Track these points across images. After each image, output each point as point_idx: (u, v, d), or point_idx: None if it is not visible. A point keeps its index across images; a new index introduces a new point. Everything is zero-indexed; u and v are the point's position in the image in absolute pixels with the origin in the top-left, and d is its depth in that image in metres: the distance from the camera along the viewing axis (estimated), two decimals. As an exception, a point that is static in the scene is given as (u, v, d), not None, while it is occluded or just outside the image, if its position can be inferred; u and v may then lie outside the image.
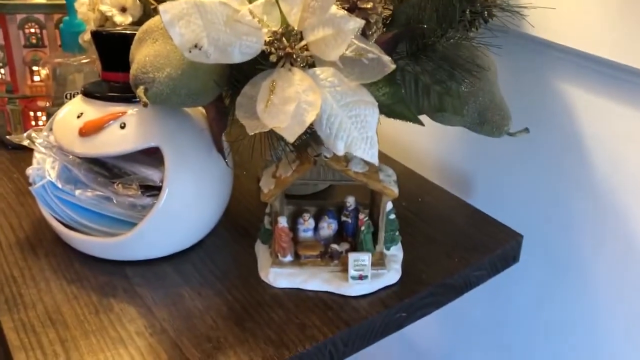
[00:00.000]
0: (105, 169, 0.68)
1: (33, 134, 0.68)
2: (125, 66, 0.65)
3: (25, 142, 0.67)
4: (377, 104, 0.58)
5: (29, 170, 0.69)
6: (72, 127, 0.65)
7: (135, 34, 0.64)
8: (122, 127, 0.64)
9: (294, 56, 0.56)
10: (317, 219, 0.70)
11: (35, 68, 0.85)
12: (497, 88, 0.72)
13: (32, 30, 0.83)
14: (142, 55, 0.59)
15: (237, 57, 0.56)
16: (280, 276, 0.67)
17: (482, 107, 0.70)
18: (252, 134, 0.54)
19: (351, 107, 0.57)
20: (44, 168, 0.68)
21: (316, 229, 0.70)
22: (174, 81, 0.58)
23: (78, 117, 0.66)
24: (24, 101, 0.86)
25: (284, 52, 0.56)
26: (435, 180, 0.88)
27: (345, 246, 0.69)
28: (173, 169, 0.64)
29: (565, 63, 0.74)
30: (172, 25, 0.56)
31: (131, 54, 0.62)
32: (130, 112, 0.65)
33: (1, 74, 0.86)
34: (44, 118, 0.87)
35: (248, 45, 0.56)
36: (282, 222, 0.66)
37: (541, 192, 0.80)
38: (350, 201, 0.69)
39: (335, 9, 0.54)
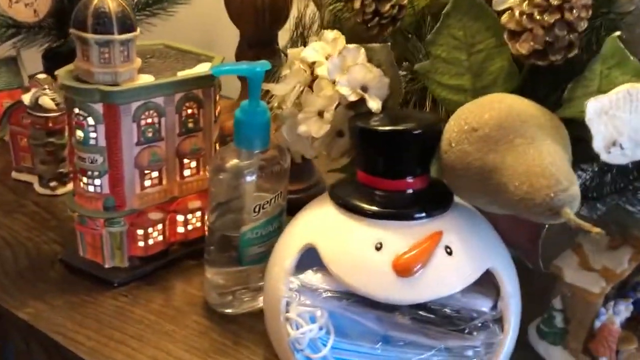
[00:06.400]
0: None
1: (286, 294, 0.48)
2: (407, 172, 0.49)
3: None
4: None
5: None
6: (375, 266, 0.47)
7: (431, 132, 0.48)
8: (449, 252, 0.48)
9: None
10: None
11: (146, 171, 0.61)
12: None
13: (150, 120, 0.59)
14: (529, 164, 0.43)
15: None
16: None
17: None
18: None
19: None
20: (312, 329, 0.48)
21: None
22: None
23: (377, 248, 0.48)
24: (130, 217, 0.62)
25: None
26: None
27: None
28: (511, 292, 0.50)
29: None
30: (592, 122, 0.42)
31: (479, 160, 0.45)
32: (446, 230, 0.48)
33: (95, 185, 0.60)
34: (155, 234, 0.64)
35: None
36: (617, 322, 0.55)
37: None
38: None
39: None
